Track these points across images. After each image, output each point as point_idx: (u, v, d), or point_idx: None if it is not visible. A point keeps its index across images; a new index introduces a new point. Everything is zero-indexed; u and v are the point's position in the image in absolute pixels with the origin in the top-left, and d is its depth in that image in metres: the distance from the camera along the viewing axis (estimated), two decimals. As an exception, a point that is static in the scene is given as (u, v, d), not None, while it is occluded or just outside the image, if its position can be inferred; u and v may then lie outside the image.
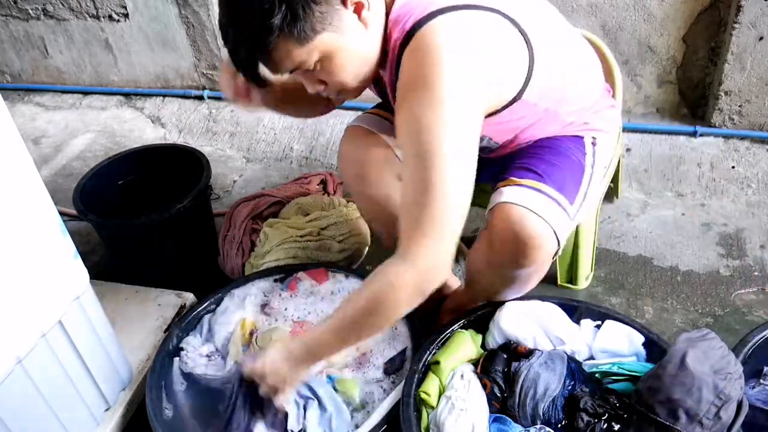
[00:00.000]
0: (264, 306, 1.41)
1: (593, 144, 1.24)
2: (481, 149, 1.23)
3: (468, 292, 1.39)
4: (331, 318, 1.08)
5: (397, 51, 1.01)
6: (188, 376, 1.29)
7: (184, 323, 1.39)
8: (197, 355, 1.32)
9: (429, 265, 0.98)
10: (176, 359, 1.33)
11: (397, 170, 1.30)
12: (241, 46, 0.98)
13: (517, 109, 1.11)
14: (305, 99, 1.21)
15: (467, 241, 1.81)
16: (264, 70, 1.02)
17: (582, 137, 1.24)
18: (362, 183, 1.33)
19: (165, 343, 1.34)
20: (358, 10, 0.99)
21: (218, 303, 1.43)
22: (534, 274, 1.19)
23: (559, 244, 1.11)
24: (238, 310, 1.39)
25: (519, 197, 1.09)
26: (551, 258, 1.14)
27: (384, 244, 1.49)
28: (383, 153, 1.30)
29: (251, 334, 1.34)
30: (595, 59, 1.28)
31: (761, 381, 1.14)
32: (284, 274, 1.48)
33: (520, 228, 1.07)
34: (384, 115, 1.35)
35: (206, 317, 1.40)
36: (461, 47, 0.96)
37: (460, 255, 1.76)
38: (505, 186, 1.13)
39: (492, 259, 1.16)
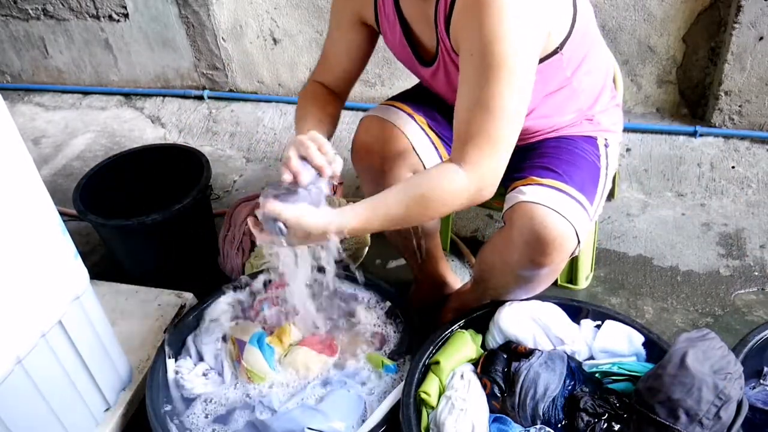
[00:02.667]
0: (243, 312, 1.41)
1: (606, 146, 1.26)
2: None
3: (475, 291, 1.38)
4: (374, 199, 1.06)
5: None
6: (190, 401, 1.28)
7: (184, 323, 1.39)
8: (194, 376, 1.30)
9: (484, 175, 1.01)
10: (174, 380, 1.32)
11: (413, 165, 1.29)
12: None
13: (553, 65, 1.11)
14: None
15: (467, 241, 1.81)
16: None
17: (595, 138, 1.25)
18: (377, 176, 1.30)
19: (165, 344, 1.34)
20: None
21: (198, 321, 1.41)
22: (550, 275, 1.18)
23: (578, 245, 1.11)
24: (217, 327, 1.38)
25: (541, 197, 1.08)
26: (568, 258, 1.14)
27: (388, 238, 1.49)
28: (401, 146, 1.27)
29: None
30: (606, 50, 1.31)
31: (761, 381, 1.14)
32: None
33: (543, 228, 1.06)
34: (400, 106, 1.33)
35: (189, 339, 1.38)
36: None
37: (462, 256, 1.76)
38: (525, 185, 1.12)
39: (509, 257, 1.15)
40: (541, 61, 1.07)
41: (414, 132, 1.29)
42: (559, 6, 1.06)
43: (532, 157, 1.22)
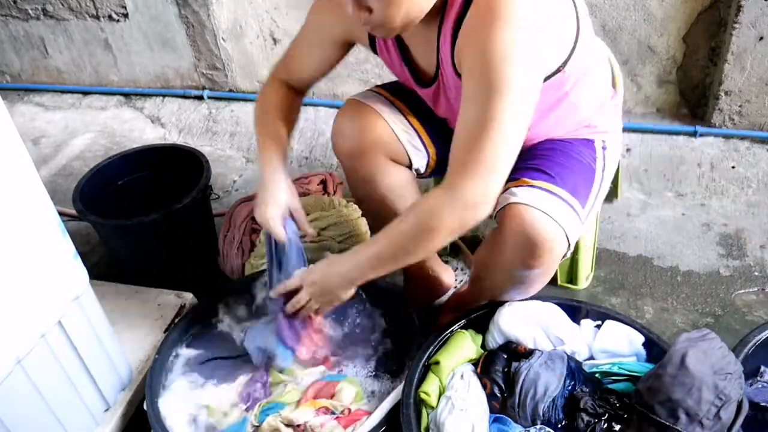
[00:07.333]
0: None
1: (603, 148, 1.25)
2: None
3: (472, 291, 1.38)
4: (374, 242, 1.11)
5: None
6: None
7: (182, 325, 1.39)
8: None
9: (475, 200, 0.99)
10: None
11: (391, 152, 1.29)
12: None
13: (554, 84, 1.09)
14: None
15: (466, 241, 1.81)
16: None
17: (593, 140, 1.24)
18: (354, 161, 1.31)
19: (164, 345, 1.34)
20: None
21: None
22: (542, 276, 1.19)
23: (569, 247, 1.11)
24: None
25: (532, 198, 1.08)
26: (560, 260, 1.14)
27: (371, 225, 1.49)
28: (379, 132, 1.27)
29: None
30: (604, 53, 1.29)
31: (758, 378, 1.14)
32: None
33: (533, 230, 1.06)
34: (384, 94, 1.33)
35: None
36: None
37: (461, 255, 1.76)
38: (516, 186, 1.12)
39: (501, 258, 1.15)
40: (544, 80, 1.06)
41: (393, 117, 1.28)
42: (564, 21, 1.04)
43: (525, 159, 1.20)
